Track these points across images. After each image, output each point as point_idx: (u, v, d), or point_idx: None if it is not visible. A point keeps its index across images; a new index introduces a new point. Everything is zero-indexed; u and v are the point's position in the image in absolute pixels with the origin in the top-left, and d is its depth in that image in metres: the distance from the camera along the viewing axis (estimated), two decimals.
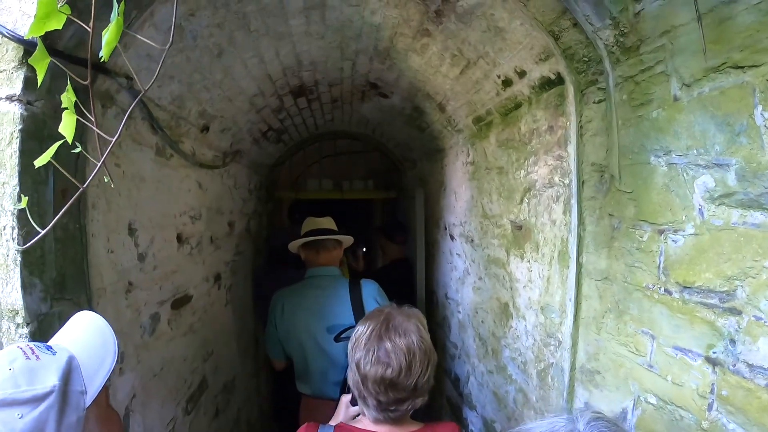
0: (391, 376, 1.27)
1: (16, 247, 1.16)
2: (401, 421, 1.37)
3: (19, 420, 0.74)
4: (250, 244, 3.74)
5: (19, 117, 1.17)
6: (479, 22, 1.72)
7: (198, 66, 1.92)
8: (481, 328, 2.53)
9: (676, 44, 1.10)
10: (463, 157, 2.83)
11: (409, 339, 1.31)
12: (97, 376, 0.89)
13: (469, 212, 2.72)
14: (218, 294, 2.90)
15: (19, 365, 0.80)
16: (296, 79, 2.77)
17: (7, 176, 1.17)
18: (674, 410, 1.10)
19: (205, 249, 2.64)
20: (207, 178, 2.66)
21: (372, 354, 1.30)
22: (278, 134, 3.69)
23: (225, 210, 3.07)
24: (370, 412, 1.35)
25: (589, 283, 1.45)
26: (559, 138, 1.62)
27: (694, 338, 1.03)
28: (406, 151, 4.31)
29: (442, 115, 2.85)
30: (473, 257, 2.67)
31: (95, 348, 0.94)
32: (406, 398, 1.30)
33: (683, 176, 1.08)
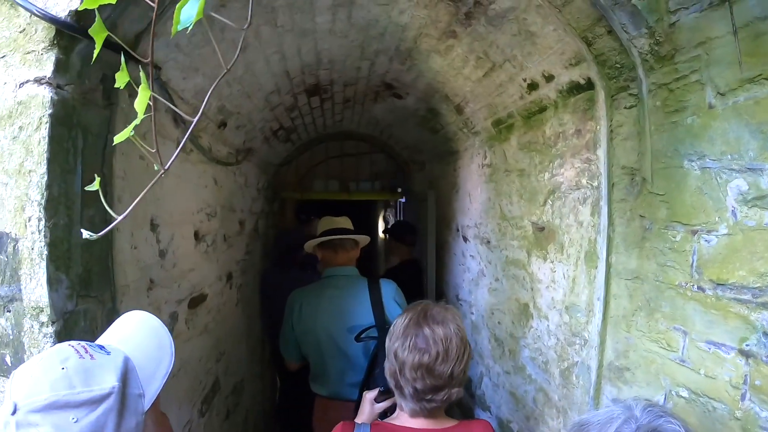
0: (428, 362, 1.35)
1: (43, 239, 1.12)
2: (437, 416, 1.45)
3: (74, 424, 0.70)
4: (258, 243, 3.83)
5: (49, 101, 1.14)
6: (510, 25, 1.83)
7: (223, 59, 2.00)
8: (498, 329, 2.64)
9: (711, 55, 1.21)
10: (479, 159, 2.94)
11: (446, 327, 1.40)
12: (155, 379, 0.86)
13: (486, 214, 2.83)
14: (230, 293, 2.98)
15: (73, 364, 0.75)
16: (313, 78, 2.86)
17: (35, 164, 1.13)
18: (707, 402, 1.20)
19: (219, 247, 2.72)
20: (221, 174, 2.74)
21: (410, 340, 1.39)
22: (288, 133, 3.78)
23: (236, 208, 3.16)
24: (407, 403, 1.43)
25: (618, 283, 1.56)
26: (588, 141, 1.73)
27: (727, 332, 1.14)
28: (415, 153, 4.42)
29: (458, 117, 2.96)
30: (489, 258, 2.77)
31: (151, 349, 0.91)
32: (442, 386, 1.38)
33: (716, 180, 1.19)
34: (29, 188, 1.13)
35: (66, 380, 0.72)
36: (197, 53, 1.79)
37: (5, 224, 1.15)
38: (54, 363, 0.75)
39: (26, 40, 1.14)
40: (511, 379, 2.45)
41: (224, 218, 2.82)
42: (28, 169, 1.13)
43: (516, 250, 2.39)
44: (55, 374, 0.73)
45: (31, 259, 1.13)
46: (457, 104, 2.80)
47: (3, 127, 1.15)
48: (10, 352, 1.19)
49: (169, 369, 0.89)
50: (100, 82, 1.33)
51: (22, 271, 1.14)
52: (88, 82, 1.27)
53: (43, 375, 0.73)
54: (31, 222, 1.13)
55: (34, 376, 0.73)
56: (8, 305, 1.17)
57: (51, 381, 0.72)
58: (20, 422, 0.69)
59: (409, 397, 1.41)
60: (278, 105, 3.02)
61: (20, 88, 1.14)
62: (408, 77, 2.85)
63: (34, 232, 1.13)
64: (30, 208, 1.13)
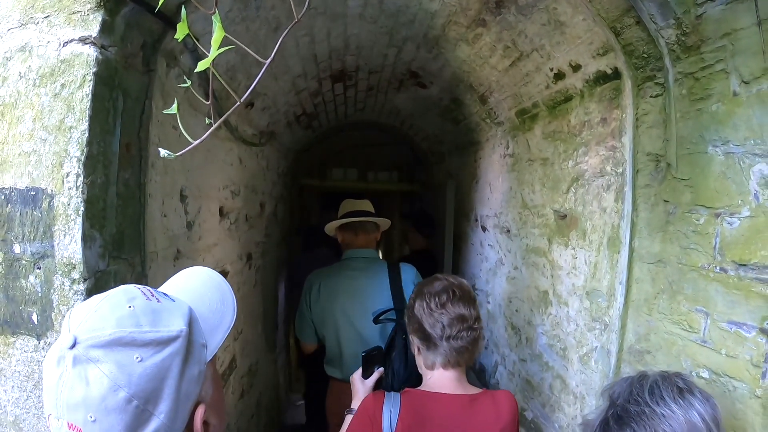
0: (447, 300, 1.57)
1: (81, 195, 1.16)
2: (463, 374, 1.58)
3: (138, 363, 0.67)
4: (277, 228, 3.94)
5: (94, 60, 1.18)
6: (540, 15, 1.91)
7: (255, 38, 2.08)
8: (515, 317, 2.72)
9: (736, 45, 1.28)
10: (501, 150, 3.02)
11: (456, 279, 1.69)
12: (218, 332, 0.84)
13: (507, 203, 2.91)
14: (249, 274, 3.09)
15: (140, 304, 0.73)
16: (339, 63, 2.96)
17: (76, 120, 1.17)
18: (727, 381, 1.27)
19: (241, 226, 2.83)
20: (246, 155, 2.85)
21: (427, 290, 1.63)
22: (309, 119, 3.89)
23: (258, 190, 3.27)
24: (438, 354, 1.55)
25: (641, 267, 1.64)
26: (613, 129, 1.81)
27: (749, 312, 1.21)
28: (435, 144, 4.51)
29: (482, 108, 3.04)
30: (509, 247, 2.86)
31: (214, 302, 0.89)
32: (466, 318, 1.55)
33: (740, 164, 1.26)
34: (69, 144, 1.17)
35: (133, 318, 0.70)
36: (232, 30, 1.86)
37: (41, 180, 1.19)
38: (121, 301, 0.73)
39: (72, 1, 1.20)
40: (527, 367, 2.54)
41: (247, 198, 2.93)
42: (68, 126, 1.17)
43: (537, 238, 2.47)
44: (122, 311, 0.71)
45: (66, 215, 1.17)
46: (482, 94, 2.89)
47: (44, 85, 1.20)
48: (38, 310, 1.21)
49: (231, 324, 0.87)
50: (141, 49, 1.39)
51: (57, 227, 1.17)
52: (130, 47, 1.33)
53: (109, 311, 0.71)
54: (69, 178, 1.16)
55: (99, 312, 0.71)
56: (39, 262, 1.19)
57: (117, 317, 0.69)
58: (78, 357, 0.65)
59: (440, 341, 1.54)
60: (303, 89, 3.12)
61: (64, 47, 1.20)
62: (434, 66, 2.93)
63: (72, 188, 1.16)
64: (68, 164, 1.17)
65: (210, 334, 0.82)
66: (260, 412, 3.57)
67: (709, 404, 1.04)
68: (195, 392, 0.75)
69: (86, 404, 0.65)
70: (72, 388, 0.65)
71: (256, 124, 2.95)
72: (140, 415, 0.67)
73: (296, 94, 3.13)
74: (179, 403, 0.71)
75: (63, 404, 0.66)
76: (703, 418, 1.00)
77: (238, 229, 2.78)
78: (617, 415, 1.07)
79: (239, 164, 2.73)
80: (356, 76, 3.30)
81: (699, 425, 0.99)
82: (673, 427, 1.00)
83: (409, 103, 3.85)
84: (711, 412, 1.03)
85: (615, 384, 1.16)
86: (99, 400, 0.65)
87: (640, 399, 1.06)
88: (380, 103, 4.04)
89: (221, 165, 2.41)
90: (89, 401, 0.65)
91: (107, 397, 0.65)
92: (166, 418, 0.69)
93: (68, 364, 0.66)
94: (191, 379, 0.74)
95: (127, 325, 0.69)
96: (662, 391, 1.05)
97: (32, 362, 1.23)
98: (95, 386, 0.65)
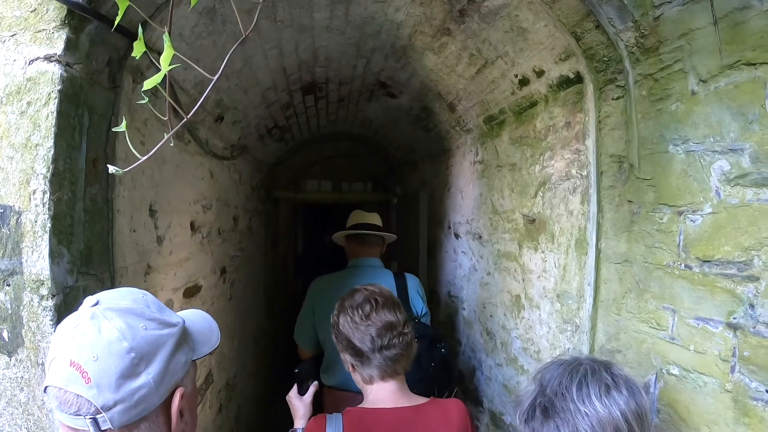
0: (370, 311, 1.47)
1: (47, 212, 1.15)
2: (404, 384, 1.49)
3: (142, 330, 0.79)
4: (252, 241, 3.86)
5: (58, 77, 1.18)
6: (503, 22, 1.89)
7: (222, 52, 2.03)
8: (490, 322, 2.69)
9: (693, 45, 1.28)
10: (471, 157, 3.00)
11: (374, 287, 1.57)
12: (203, 347, 0.94)
13: (478, 210, 2.89)
14: (223, 288, 3.00)
15: (151, 298, 0.88)
16: (309, 75, 2.92)
17: (42, 138, 1.17)
18: (697, 377, 1.25)
19: (213, 240, 2.75)
20: (217, 168, 2.78)
21: (348, 303, 1.54)
22: (282, 132, 3.83)
23: (231, 204, 3.19)
24: (373, 368, 1.45)
25: (608, 267, 1.61)
26: (577, 133, 1.79)
27: (715, 307, 1.19)
28: (408, 153, 4.48)
29: (451, 116, 3.02)
30: (481, 253, 2.83)
31: (202, 328, 0.98)
32: (395, 325, 1.45)
33: (700, 162, 1.25)
34: (35, 162, 1.16)
35: (145, 302, 0.85)
36: (199, 44, 1.84)
37: (9, 198, 1.17)
38: (136, 291, 0.88)
39: (37, 20, 1.18)
40: (503, 371, 2.50)
41: (219, 212, 2.85)
42: (34, 143, 1.16)
43: (507, 243, 2.44)
44: (138, 296, 0.86)
45: (33, 231, 1.15)
46: (450, 102, 2.87)
47: (11, 103, 1.18)
48: (8, 327, 1.20)
49: (215, 345, 0.97)
50: (107, 65, 1.37)
51: (24, 244, 1.16)
52: (95, 64, 1.31)
53: (127, 292, 0.86)
54: (35, 195, 1.16)
55: (119, 291, 0.87)
56: (8, 279, 1.18)
57: (133, 298, 0.85)
58: (96, 314, 0.78)
59: (373, 353, 1.44)
60: (274, 102, 3.06)
61: (30, 65, 1.18)
62: (402, 75, 2.91)
63: (38, 205, 1.15)
64: (35, 181, 1.16)
65: (197, 345, 0.93)
66: (240, 427, 3.46)
67: (635, 399, 1.04)
68: (179, 375, 0.85)
69: (93, 346, 0.75)
70: (84, 334, 0.76)
71: (227, 138, 2.88)
72: (134, 367, 0.76)
73: (267, 107, 3.07)
74: (166, 374, 0.81)
75: (72, 346, 0.75)
76: (626, 418, 1.01)
77: (211, 243, 2.71)
78: (544, 406, 1.07)
79: (210, 178, 2.66)
80: (327, 88, 3.25)
81: (621, 425, 1.00)
82: (593, 426, 1.00)
83: (380, 113, 3.83)
84: (635, 408, 1.03)
85: (547, 368, 1.14)
86: (105, 344, 0.75)
87: (567, 394, 1.05)
88: (352, 114, 4.00)
89: (191, 179, 2.34)
90: (96, 344, 0.75)
91: (112, 343, 0.75)
92: (152, 380, 0.78)
93: (86, 318, 0.78)
94: (179, 362, 0.84)
95: (140, 304, 0.84)
96: (590, 388, 1.04)
97: (3, 380, 1.21)
98: (105, 334, 0.76)
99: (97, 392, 0.74)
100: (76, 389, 0.74)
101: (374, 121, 4.12)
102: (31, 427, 1.24)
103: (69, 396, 0.74)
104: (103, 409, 0.74)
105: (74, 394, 0.74)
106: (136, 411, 0.77)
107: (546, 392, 1.09)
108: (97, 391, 0.74)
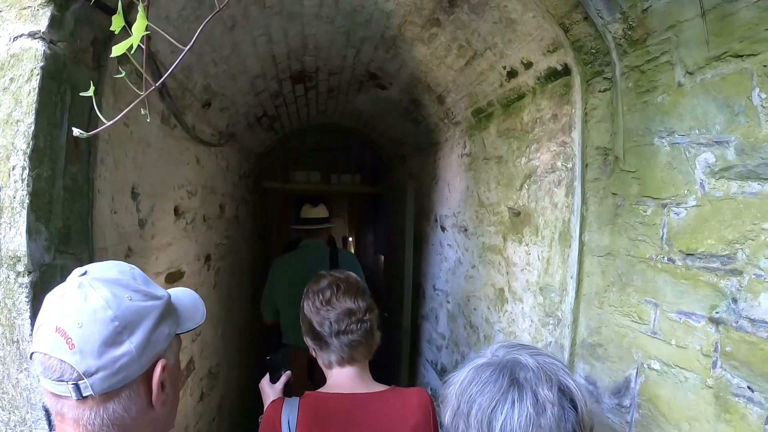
0: (330, 296, 1.50)
1: (26, 188, 1.14)
2: (364, 370, 1.49)
3: (127, 300, 0.81)
4: (238, 230, 3.80)
5: (42, 54, 1.16)
6: (492, 13, 1.86)
7: (210, 37, 1.99)
8: (473, 315, 2.66)
9: (681, 37, 1.25)
10: (459, 149, 2.96)
11: (339, 274, 1.63)
12: (188, 323, 0.96)
13: (464, 203, 2.86)
14: (207, 275, 2.95)
15: (138, 272, 0.90)
16: (298, 64, 2.86)
17: (23, 113, 1.15)
18: (678, 372, 1.22)
19: (198, 227, 2.70)
20: (204, 155, 2.72)
21: (312, 289, 1.58)
22: (271, 121, 3.77)
23: (217, 191, 3.13)
24: (331, 353, 1.48)
25: (591, 260, 1.59)
26: (564, 125, 1.76)
27: (697, 301, 1.16)
28: (397, 146, 4.44)
29: (440, 108, 2.98)
30: (467, 246, 2.80)
31: (188, 305, 1.00)
32: (354, 311, 1.48)
33: (685, 154, 1.22)
34: (15, 137, 1.14)
35: (132, 275, 0.87)
36: (186, 27, 1.79)
37: None
38: (123, 264, 0.90)
39: None
40: None
41: (205, 199, 2.80)
42: (15, 119, 1.14)
43: (492, 235, 2.41)
44: (125, 268, 0.88)
45: (12, 207, 1.14)
46: (439, 94, 2.83)
47: None
48: None
49: (200, 322, 0.99)
50: (91, 44, 1.34)
51: (2, 220, 1.14)
52: (80, 42, 1.29)
53: (114, 264, 0.89)
54: (15, 171, 1.14)
55: (107, 264, 0.89)
56: None
57: (120, 270, 0.87)
58: (83, 283, 0.80)
59: (330, 338, 1.46)
60: (263, 90, 3.00)
61: (14, 41, 1.17)
62: (392, 66, 2.86)
63: (17, 181, 1.13)
64: (15, 157, 1.14)
65: (182, 320, 0.95)
66: (222, 416, 3.41)
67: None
68: (161, 346, 0.86)
69: (78, 313, 0.77)
70: (71, 302, 0.78)
71: (214, 125, 2.82)
72: (117, 335, 0.78)
73: (256, 95, 3.01)
74: (148, 345, 0.82)
75: (59, 313, 0.77)
76: None
77: (196, 230, 2.65)
78: None
79: (197, 164, 2.61)
80: (316, 78, 3.20)
81: None
82: None
83: (370, 105, 3.78)
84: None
85: (467, 388, 0.97)
86: (90, 311, 0.77)
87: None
88: (342, 105, 3.95)
89: (177, 164, 2.28)
90: (82, 311, 0.77)
91: (97, 311, 0.77)
92: (134, 349, 0.79)
93: (74, 286, 0.79)
94: (162, 333, 0.86)
95: (126, 276, 0.86)
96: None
97: None
98: (90, 302, 0.77)
99: (80, 358, 0.75)
100: (59, 354, 0.75)
101: (364, 113, 4.07)
102: (6, 406, 1.21)
103: (53, 361, 0.76)
104: (84, 375, 0.76)
105: (58, 359, 0.76)
106: (116, 378, 0.78)
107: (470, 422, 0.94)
108: (80, 357, 0.75)
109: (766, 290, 1.00)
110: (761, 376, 1.01)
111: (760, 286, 1.01)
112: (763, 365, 1.01)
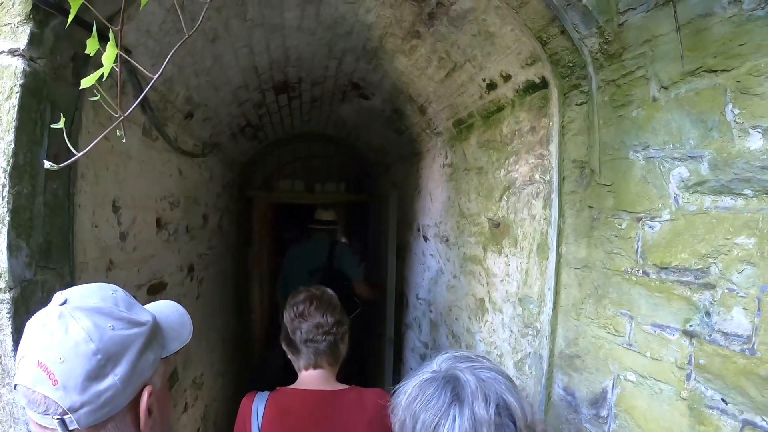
0: (304, 309, 1.63)
1: (6, 205, 1.12)
2: (329, 375, 1.62)
3: (110, 330, 0.78)
4: (222, 240, 3.73)
5: (21, 72, 1.15)
6: (470, 26, 1.84)
7: (191, 49, 1.95)
8: (455, 325, 2.63)
9: (656, 51, 1.24)
10: (440, 160, 2.94)
11: (316, 290, 1.74)
12: (175, 342, 0.94)
13: (446, 213, 2.83)
14: (191, 286, 2.89)
15: (121, 295, 0.86)
16: (281, 75, 2.82)
17: (2, 131, 1.14)
18: (653, 384, 1.20)
19: (180, 237, 2.64)
20: (186, 166, 2.67)
21: (292, 301, 1.70)
22: (255, 131, 3.72)
23: (201, 201, 3.07)
24: (302, 358, 1.61)
25: (568, 272, 1.57)
26: (541, 138, 1.75)
27: (671, 314, 1.15)
28: (381, 155, 4.41)
29: (422, 118, 2.96)
30: (448, 256, 2.77)
31: (173, 323, 0.98)
32: (322, 325, 1.60)
33: (660, 168, 1.21)
34: None
35: (114, 300, 0.83)
36: (167, 41, 1.75)
37: None
38: (106, 288, 0.86)
39: (3, 13, 1.14)
40: None
41: (187, 210, 2.74)
42: None
43: (473, 246, 2.39)
44: (107, 293, 0.84)
45: None
46: (421, 105, 2.81)
47: None
48: None
49: (186, 341, 0.97)
50: (71, 60, 1.31)
51: None
52: (59, 58, 1.27)
53: (97, 289, 0.84)
54: None
55: (89, 288, 0.85)
56: None
57: (102, 296, 0.83)
58: (63, 313, 0.76)
59: (301, 345, 1.60)
60: (246, 101, 2.96)
61: None
62: (374, 77, 2.84)
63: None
64: None
65: (168, 341, 0.92)
66: (207, 426, 3.33)
67: None
68: (147, 374, 0.84)
69: (60, 347, 0.74)
70: (52, 334, 0.75)
71: (197, 135, 2.77)
72: (100, 369, 0.76)
73: (239, 106, 2.97)
74: (133, 375, 0.80)
75: (40, 346, 0.75)
76: None
77: (178, 240, 2.59)
78: None
79: (179, 175, 2.55)
80: (300, 88, 3.16)
81: None
82: None
83: (353, 114, 3.75)
84: None
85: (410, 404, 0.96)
86: (72, 345, 0.74)
87: None
88: (326, 115, 3.91)
89: (158, 176, 2.23)
90: (63, 345, 0.74)
91: (79, 345, 0.74)
92: (119, 381, 0.77)
93: (54, 317, 0.76)
94: (147, 361, 0.83)
95: (109, 303, 0.82)
96: None
97: None
98: (72, 335, 0.75)
99: (64, 394, 0.74)
100: (43, 390, 0.74)
101: (348, 123, 4.05)
102: None
103: (37, 396, 0.74)
104: (69, 411, 0.74)
105: (42, 394, 0.74)
106: (102, 412, 0.77)
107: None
108: (64, 393, 0.74)
109: (738, 304, 0.99)
110: (734, 389, 1.00)
111: (733, 300, 0.99)
112: (736, 378, 0.99)
